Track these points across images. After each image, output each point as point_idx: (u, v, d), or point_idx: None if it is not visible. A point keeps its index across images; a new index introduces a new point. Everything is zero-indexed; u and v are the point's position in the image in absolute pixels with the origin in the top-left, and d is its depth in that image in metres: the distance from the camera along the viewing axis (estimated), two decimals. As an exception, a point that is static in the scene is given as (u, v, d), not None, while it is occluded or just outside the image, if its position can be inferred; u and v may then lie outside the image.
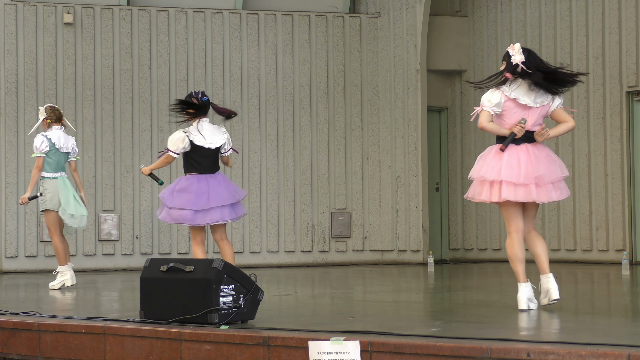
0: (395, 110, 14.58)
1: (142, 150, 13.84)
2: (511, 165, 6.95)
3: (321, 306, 7.91)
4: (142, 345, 5.98)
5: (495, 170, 6.97)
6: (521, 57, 7.04)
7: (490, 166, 7.00)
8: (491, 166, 7.00)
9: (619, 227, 13.43)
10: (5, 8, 13.52)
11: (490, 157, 7.04)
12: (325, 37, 14.59)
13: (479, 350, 4.89)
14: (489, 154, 7.08)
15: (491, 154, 7.05)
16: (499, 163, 6.97)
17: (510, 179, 6.92)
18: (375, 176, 14.65)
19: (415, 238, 14.35)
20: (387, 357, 5.11)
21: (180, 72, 14.02)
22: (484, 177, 7.01)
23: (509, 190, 6.93)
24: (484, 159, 7.08)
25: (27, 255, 13.44)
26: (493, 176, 6.97)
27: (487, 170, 7.01)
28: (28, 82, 13.53)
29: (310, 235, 14.38)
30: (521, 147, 7.00)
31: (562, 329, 5.78)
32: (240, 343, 5.59)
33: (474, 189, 7.12)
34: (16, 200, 13.36)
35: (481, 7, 14.95)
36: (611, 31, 13.58)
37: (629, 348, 4.74)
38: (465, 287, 9.83)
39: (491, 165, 7.01)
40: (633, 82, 13.33)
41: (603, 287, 9.93)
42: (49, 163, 9.90)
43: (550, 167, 7.03)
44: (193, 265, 6.22)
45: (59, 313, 7.05)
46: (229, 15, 14.31)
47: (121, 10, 13.90)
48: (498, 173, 6.96)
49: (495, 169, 6.97)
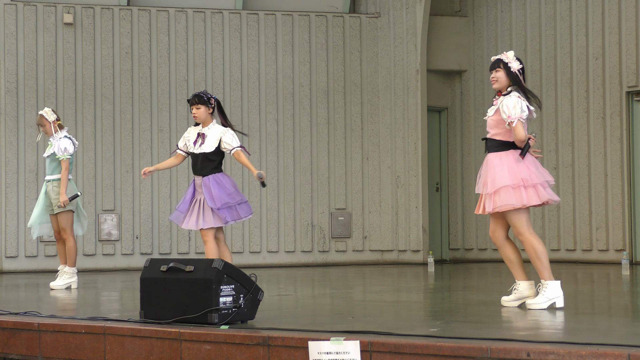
0: (395, 110, 14.58)
1: (142, 150, 13.84)
2: (537, 168, 7.06)
3: (321, 306, 7.91)
4: (142, 345, 5.98)
5: (534, 174, 7.02)
6: (518, 65, 7.10)
7: (526, 171, 7.01)
8: (526, 171, 7.01)
9: (618, 227, 13.43)
10: (5, 8, 13.52)
11: (516, 164, 7.01)
12: (325, 37, 14.59)
13: (479, 350, 4.89)
14: (513, 161, 7.02)
15: (515, 162, 7.01)
16: (529, 168, 7.01)
17: (548, 180, 7.07)
18: (375, 176, 14.65)
19: (415, 238, 14.35)
20: (387, 357, 5.11)
21: (180, 72, 14.02)
22: (532, 181, 6.99)
23: (545, 192, 7.03)
24: (509, 167, 7.01)
25: (27, 255, 13.44)
26: (536, 180, 6.99)
27: (527, 174, 7.00)
28: (28, 82, 13.53)
29: (310, 235, 14.38)
30: (529, 155, 7.12)
31: (562, 329, 5.78)
32: (240, 343, 5.59)
33: (509, 195, 6.97)
34: (16, 200, 13.36)
35: (481, 7, 14.94)
36: (611, 31, 13.58)
37: (629, 348, 4.74)
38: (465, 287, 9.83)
39: (524, 170, 7.01)
40: (633, 82, 13.32)
41: (603, 287, 9.93)
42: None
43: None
44: (193, 265, 6.22)
45: (59, 313, 7.04)
46: (229, 15, 14.31)
47: (121, 10, 13.90)
48: (538, 176, 7.02)
49: (533, 173, 7.01)
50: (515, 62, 7.11)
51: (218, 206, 8.33)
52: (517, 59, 7.13)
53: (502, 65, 7.14)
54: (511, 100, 7.03)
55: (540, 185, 7.00)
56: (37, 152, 13.46)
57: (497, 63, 7.16)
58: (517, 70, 7.09)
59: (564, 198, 13.97)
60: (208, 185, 8.40)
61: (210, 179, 8.42)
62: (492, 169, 7.04)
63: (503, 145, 7.06)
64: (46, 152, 10.11)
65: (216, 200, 8.34)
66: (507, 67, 7.11)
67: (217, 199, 8.34)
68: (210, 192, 8.37)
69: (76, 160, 13.47)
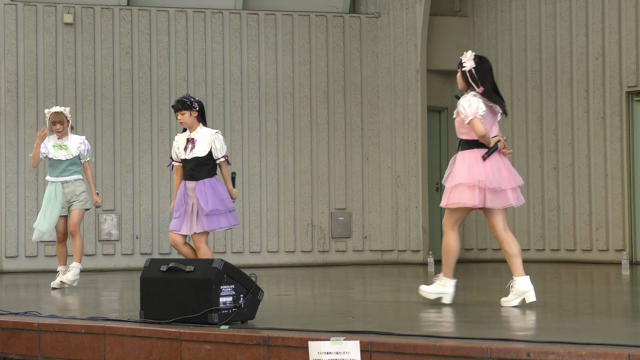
0: (395, 110, 14.58)
1: (142, 150, 13.84)
2: (500, 172, 7.17)
3: (321, 306, 7.91)
4: (142, 345, 5.98)
5: (490, 178, 7.13)
6: (471, 65, 7.21)
7: (484, 174, 7.14)
8: (484, 174, 7.14)
9: (618, 227, 13.43)
10: (5, 8, 13.52)
11: (476, 164, 7.15)
12: (325, 37, 14.59)
13: (479, 350, 4.89)
14: (474, 160, 7.17)
15: (476, 162, 7.16)
16: (487, 171, 7.15)
17: (496, 185, 7.16)
18: (375, 176, 14.65)
19: (415, 238, 14.35)
20: (387, 357, 5.11)
21: (180, 72, 14.02)
22: (486, 184, 7.09)
23: (495, 198, 7.18)
24: (469, 166, 7.16)
25: (27, 255, 13.44)
26: (489, 184, 7.11)
27: (484, 176, 7.12)
28: (28, 82, 13.53)
29: (310, 235, 14.38)
30: (495, 155, 7.21)
31: (562, 329, 5.78)
32: (240, 343, 5.59)
33: (463, 193, 7.15)
34: (16, 200, 13.37)
35: (481, 7, 14.94)
36: (611, 31, 13.58)
37: (629, 348, 4.74)
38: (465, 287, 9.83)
39: (482, 172, 7.14)
40: (633, 82, 13.33)
41: (603, 287, 9.93)
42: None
43: (512, 176, 7.30)
44: (193, 265, 6.22)
45: (59, 313, 7.04)
46: (229, 15, 14.31)
47: (121, 10, 13.90)
48: (493, 181, 7.13)
49: (489, 177, 7.13)
50: (470, 61, 7.22)
51: (209, 209, 8.31)
52: (478, 58, 7.20)
53: (459, 65, 7.24)
54: (465, 100, 7.18)
55: (493, 189, 7.13)
56: (37, 152, 13.46)
57: (458, 63, 7.27)
58: (469, 70, 7.17)
59: (564, 198, 13.97)
60: (203, 189, 8.38)
61: (205, 184, 8.41)
62: (455, 166, 7.25)
63: (468, 144, 7.23)
64: (58, 154, 9.92)
65: (210, 204, 8.33)
66: (461, 67, 7.20)
67: (211, 204, 8.33)
68: (206, 196, 8.34)
69: None
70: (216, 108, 14.12)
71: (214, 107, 14.11)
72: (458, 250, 7.35)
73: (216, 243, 14.02)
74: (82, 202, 9.94)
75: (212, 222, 8.39)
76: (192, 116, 8.48)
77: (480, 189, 7.12)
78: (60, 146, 9.95)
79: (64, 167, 9.92)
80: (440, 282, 7.43)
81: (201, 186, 8.38)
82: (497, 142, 7.18)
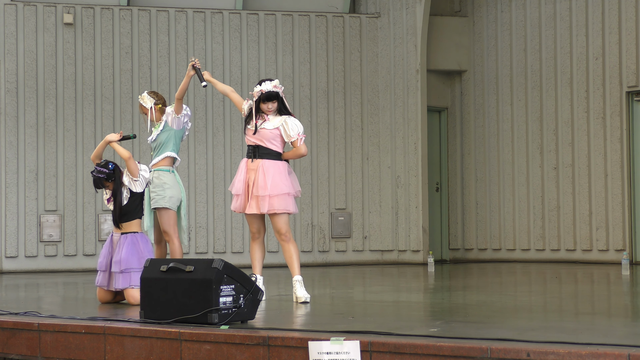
0: (395, 110, 14.58)
1: (143, 150, 13.84)
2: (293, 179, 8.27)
3: (321, 306, 7.91)
4: (142, 345, 5.98)
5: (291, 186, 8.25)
6: (257, 88, 8.03)
7: (291, 183, 8.24)
8: (291, 183, 8.25)
9: (618, 227, 13.43)
10: (5, 8, 13.52)
11: (287, 175, 8.18)
12: (325, 37, 14.60)
13: (479, 350, 4.89)
14: (286, 171, 8.17)
15: (287, 173, 8.18)
16: (291, 180, 8.16)
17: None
18: (375, 176, 14.65)
19: (415, 238, 14.35)
20: (387, 357, 5.11)
21: (180, 72, 14.02)
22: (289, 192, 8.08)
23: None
24: (286, 176, 8.13)
25: (27, 255, 13.43)
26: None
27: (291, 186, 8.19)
28: (28, 82, 13.54)
29: (310, 235, 14.39)
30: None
31: (562, 329, 5.78)
32: (240, 343, 5.60)
33: (288, 201, 8.09)
34: (16, 200, 13.36)
35: (481, 7, 14.95)
36: (611, 31, 13.58)
37: (629, 348, 4.74)
38: (465, 287, 9.83)
39: (290, 182, 8.23)
40: (633, 82, 13.33)
41: (603, 287, 9.93)
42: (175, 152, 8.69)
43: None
44: (193, 265, 6.22)
45: (59, 313, 7.04)
46: (229, 15, 14.31)
47: (121, 10, 13.90)
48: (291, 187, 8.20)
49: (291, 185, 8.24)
50: (257, 86, 7.99)
51: (122, 268, 8.03)
52: (265, 82, 7.97)
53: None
54: (296, 121, 8.41)
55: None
56: (37, 152, 13.46)
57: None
58: (255, 92, 7.98)
59: (564, 198, 13.97)
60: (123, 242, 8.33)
61: (127, 237, 8.48)
62: (271, 175, 7.99)
63: (277, 155, 8.17)
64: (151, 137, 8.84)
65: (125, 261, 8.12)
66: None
67: (125, 262, 8.10)
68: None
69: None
70: (216, 108, 14.13)
71: (214, 108, 14.11)
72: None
73: (216, 243, 14.02)
74: (158, 200, 8.66)
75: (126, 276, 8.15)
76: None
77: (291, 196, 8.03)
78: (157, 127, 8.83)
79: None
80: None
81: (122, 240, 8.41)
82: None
